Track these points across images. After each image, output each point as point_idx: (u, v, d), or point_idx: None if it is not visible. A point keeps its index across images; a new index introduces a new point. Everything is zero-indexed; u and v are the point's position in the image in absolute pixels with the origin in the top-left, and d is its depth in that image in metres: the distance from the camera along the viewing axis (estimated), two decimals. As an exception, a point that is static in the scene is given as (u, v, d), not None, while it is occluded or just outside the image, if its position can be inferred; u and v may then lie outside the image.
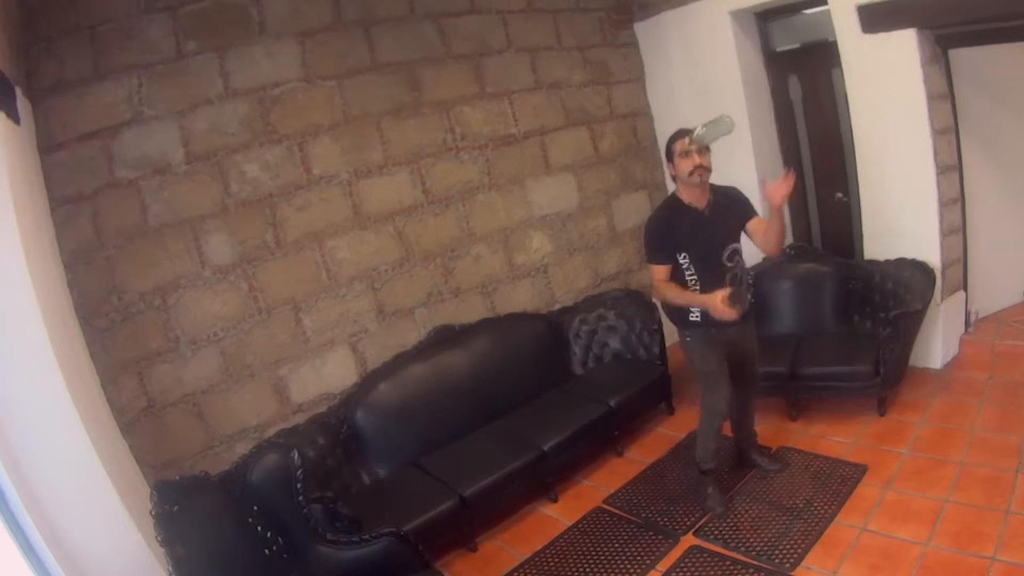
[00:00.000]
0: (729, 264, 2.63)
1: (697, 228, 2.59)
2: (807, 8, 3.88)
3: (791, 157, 4.34)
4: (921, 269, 3.43)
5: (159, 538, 2.13)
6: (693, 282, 2.64)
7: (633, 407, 3.58)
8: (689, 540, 2.77)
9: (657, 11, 4.34)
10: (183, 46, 2.90)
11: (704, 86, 4.24)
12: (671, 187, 4.69)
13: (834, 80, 3.90)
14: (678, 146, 2.57)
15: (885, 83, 3.43)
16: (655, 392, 3.71)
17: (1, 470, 1.90)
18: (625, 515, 3.03)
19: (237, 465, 2.64)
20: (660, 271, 2.64)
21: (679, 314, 2.74)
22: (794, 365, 3.41)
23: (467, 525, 2.98)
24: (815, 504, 2.79)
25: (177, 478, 2.43)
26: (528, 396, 3.59)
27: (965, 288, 3.81)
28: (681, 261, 2.61)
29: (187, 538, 2.16)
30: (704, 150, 2.53)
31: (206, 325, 2.99)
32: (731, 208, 2.66)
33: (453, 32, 3.71)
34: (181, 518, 2.22)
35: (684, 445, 3.49)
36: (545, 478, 3.24)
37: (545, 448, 3.17)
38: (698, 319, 2.68)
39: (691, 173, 2.54)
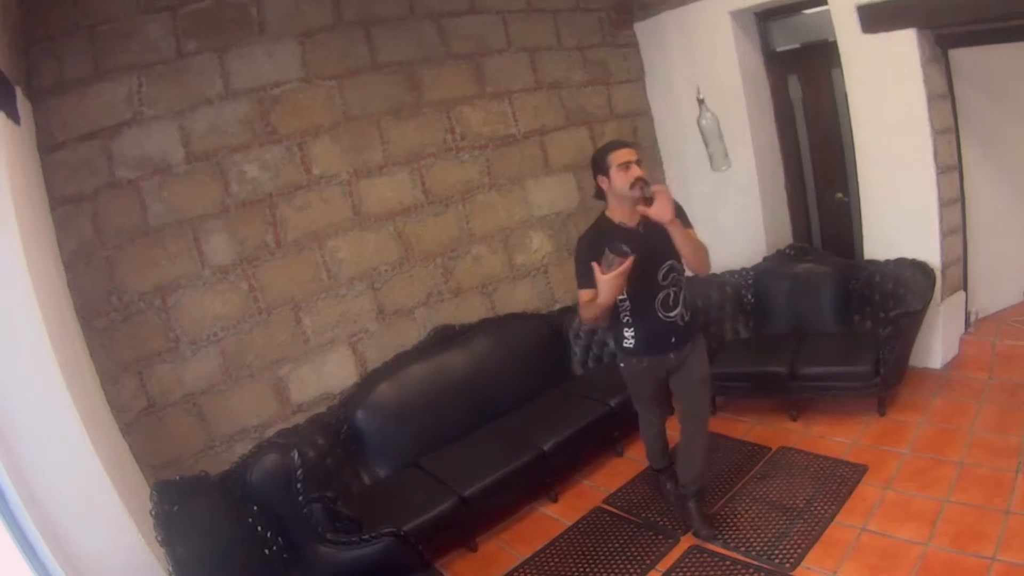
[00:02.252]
0: (664, 283, 2.45)
1: (632, 249, 2.31)
2: (807, 8, 3.87)
3: (791, 157, 4.34)
4: (921, 269, 3.43)
5: (159, 538, 2.13)
6: (625, 308, 2.49)
7: (633, 407, 3.57)
8: (689, 540, 2.77)
9: (657, 11, 4.34)
10: (183, 46, 2.90)
11: (704, 86, 4.21)
12: (671, 187, 4.74)
13: (834, 80, 3.90)
14: (615, 158, 2.36)
15: (885, 83, 3.43)
16: (655, 392, 3.71)
17: (1, 470, 1.90)
18: (625, 515, 3.03)
19: (237, 465, 2.64)
20: (584, 295, 2.37)
21: (616, 337, 2.62)
22: (794, 365, 3.41)
23: (467, 525, 2.98)
24: (815, 504, 2.79)
25: (177, 478, 2.43)
26: (528, 396, 3.59)
27: (965, 288, 3.80)
28: None
29: (187, 538, 2.16)
30: (640, 161, 2.37)
31: (206, 325, 2.99)
32: (662, 226, 2.39)
33: (453, 32, 3.70)
34: (181, 518, 2.22)
35: (684, 445, 3.50)
36: (545, 478, 3.24)
37: (545, 448, 3.17)
38: (631, 346, 2.55)
39: (632, 186, 2.33)
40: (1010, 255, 3.90)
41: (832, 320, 3.74)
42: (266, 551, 2.42)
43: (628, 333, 2.54)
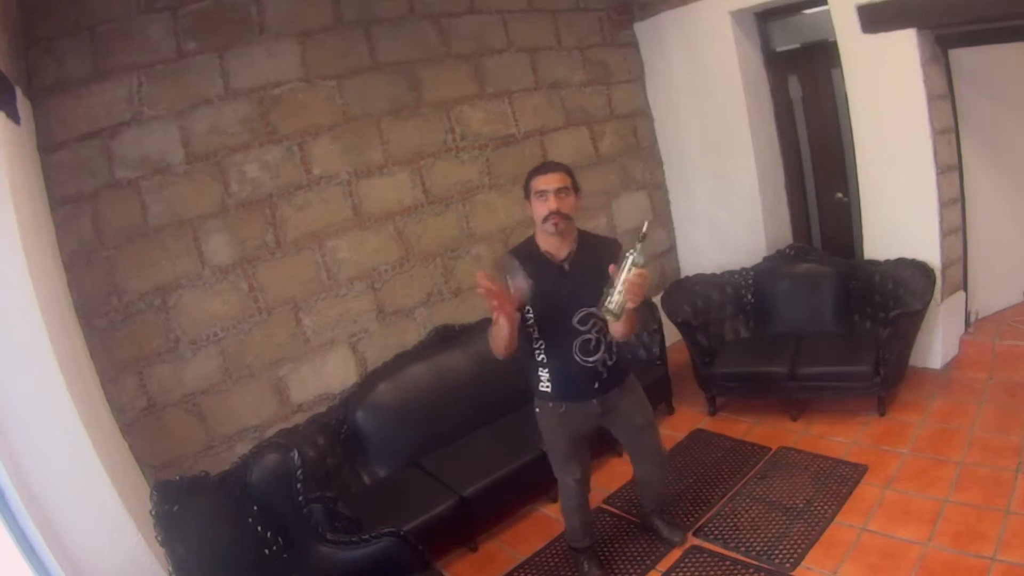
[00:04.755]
0: (581, 328, 2.21)
1: (548, 284, 2.16)
2: (807, 8, 3.88)
3: (791, 157, 4.35)
4: (921, 269, 3.43)
5: (159, 538, 2.13)
6: (539, 346, 2.28)
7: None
8: (689, 540, 2.77)
9: (657, 11, 4.34)
10: (183, 46, 2.90)
11: (704, 86, 4.25)
12: (671, 187, 4.75)
13: (834, 80, 3.90)
14: (536, 183, 2.16)
15: (885, 83, 3.44)
16: (655, 392, 3.69)
17: (1, 470, 1.90)
18: (625, 515, 3.03)
19: (237, 465, 2.64)
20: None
21: (532, 378, 2.37)
22: (794, 365, 3.41)
23: (467, 525, 2.98)
24: (815, 504, 2.79)
25: (177, 478, 2.43)
26: (529, 396, 3.54)
27: (965, 288, 3.81)
28: (526, 315, 2.20)
29: (187, 538, 2.16)
30: (565, 191, 2.14)
31: (206, 325, 2.99)
32: (598, 266, 2.06)
33: (453, 32, 3.71)
34: (181, 518, 2.22)
35: (683, 445, 3.50)
36: (545, 478, 3.22)
37: (545, 448, 3.16)
38: (547, 389, 2.33)
39: (546, 219, 2.13)
40: (1010, 255, 3.90)
41: (832, 320, 3.75)
42: (266, 551, 2.41)
43: (543, 374, 2.32)
